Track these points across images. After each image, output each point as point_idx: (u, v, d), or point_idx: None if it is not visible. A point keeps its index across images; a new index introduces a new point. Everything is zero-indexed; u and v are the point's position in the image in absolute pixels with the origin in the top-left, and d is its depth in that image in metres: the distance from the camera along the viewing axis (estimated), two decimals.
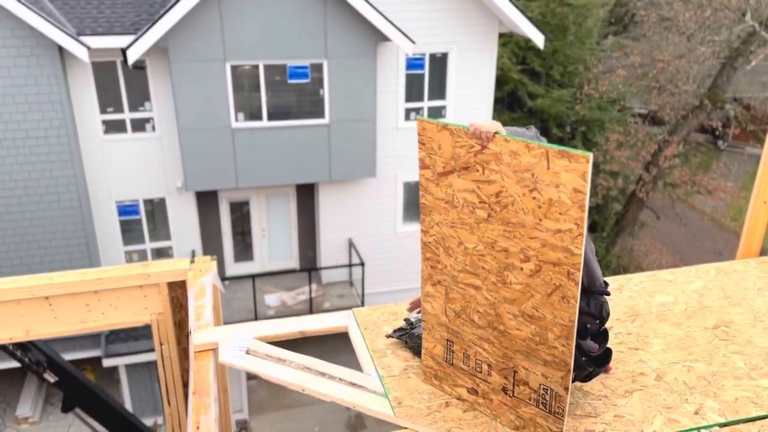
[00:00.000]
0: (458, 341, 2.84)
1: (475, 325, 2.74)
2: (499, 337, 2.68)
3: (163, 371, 4.34)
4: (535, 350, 2.58)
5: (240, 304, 12.62)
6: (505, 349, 2.67)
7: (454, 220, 2.65)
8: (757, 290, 3.89)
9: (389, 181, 13.32)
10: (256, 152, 11.97)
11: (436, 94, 13.10)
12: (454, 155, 2.57)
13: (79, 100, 11.28)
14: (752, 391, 2.97)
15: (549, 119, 19.03)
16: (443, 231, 2.71)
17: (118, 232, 12.46)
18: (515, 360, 2.66)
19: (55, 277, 3.93)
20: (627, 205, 19.99)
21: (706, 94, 17.83)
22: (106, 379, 13.77)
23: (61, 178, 11.10)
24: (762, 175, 4.16)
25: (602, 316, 2.85)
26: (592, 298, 2.81)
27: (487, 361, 2.75)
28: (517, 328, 2.60)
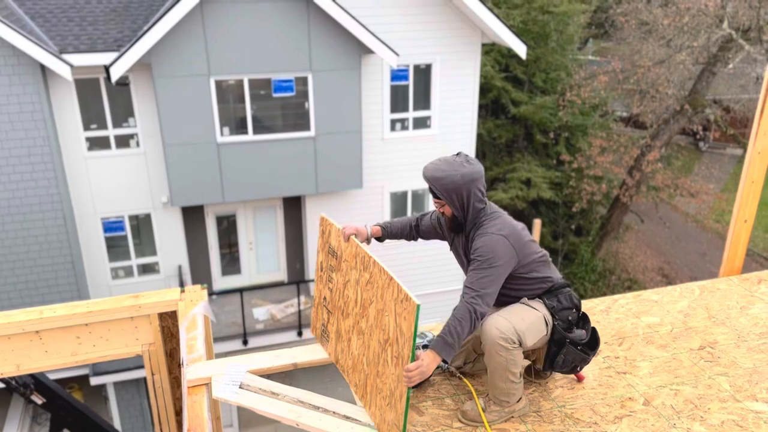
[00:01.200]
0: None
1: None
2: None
3: (155, 401, 4.33)
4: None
5: (228, 318, 12.58)
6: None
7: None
8: (740, 309, 3.97)
9: (376, 192, 13.36)
10: (242, 166, 11.96)
11: (420, 105, 13.18)
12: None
13: (62, 118, 11.22)
14: (738, 414, 3.04)
15: (533, 125, 19.19)
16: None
17: (104, 249, 12.38)
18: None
19: (45, 311, 3.91)
20: (611, 209, 20.20)
21: (686, 98, 18.08)
22: (93, 397, 13.65)
23: (45, 196, 11.02)
24: (742, 194, 4.25)
25: (576, 304, 3.03)
26: (560, 294, 2.99)
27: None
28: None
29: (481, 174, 2.88)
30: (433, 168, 2.87)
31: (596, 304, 4.05)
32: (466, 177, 2.82)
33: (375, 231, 3.29)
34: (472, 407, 3.01)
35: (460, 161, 2.86)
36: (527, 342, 2.85)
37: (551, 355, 2.99)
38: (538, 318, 2.91)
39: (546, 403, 3.14)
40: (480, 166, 2.90)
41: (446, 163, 2.87)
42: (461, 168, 2.83)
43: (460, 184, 2.82)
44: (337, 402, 3.13)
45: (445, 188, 2.85)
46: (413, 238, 3.37)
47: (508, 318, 2.84)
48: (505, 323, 2.81)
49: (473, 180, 2.84)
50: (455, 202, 2.88)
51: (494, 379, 2.91)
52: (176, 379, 4.38)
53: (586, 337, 3.02)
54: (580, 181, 18.80)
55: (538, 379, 3.27)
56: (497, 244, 2.80)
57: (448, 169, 2.83)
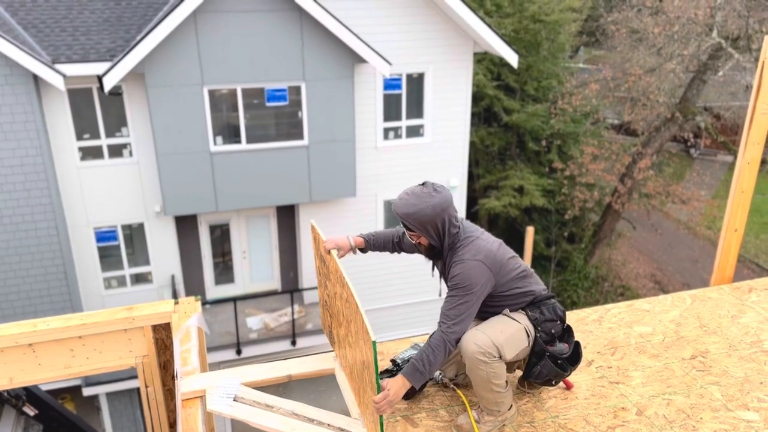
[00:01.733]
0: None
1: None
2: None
3: (149, 413, 4.32)
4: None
5: (222, 327, 12.54)
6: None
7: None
8: (731, 318, 4.00)
9: (369, 200, 13.39)
10: (236, 175, 11.96)
11: (413, 113, 13.23)
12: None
13: (54, 127, 11.20)
14: (729, 423, 3.07)
15: (525, 133, 19.29)
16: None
17: (97, 259, 12.34)
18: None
19: (38, 324, 3.90)
20: (604, 216, 20.29)
21: (677, 106, 18.23)
22: (86, 408, 13.56)
23: (38, 206, 10.98)
24: (732, 204, 4.29)
25: (560, 316, 3.04)
26: (543, 306, 3.01)
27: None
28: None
29: (450, 200, 2.88)
30: (403, 204, 2.85)
31: (589, 314, 4.07)
32: (437, 207, 2.82)
33: (358, 242, 3.26)
34: (467, 420, 3.02)
35: (428, 192, 2.84)
36: (507, 355, 2.86)
37: (529, 366, 3.02)
38: (519, 330, 2.93)
39: (539, 413, 3.15)
40: (447, 192, 2.89)
41: (415, 196, 2.85)
42: (430, 199, 2.82)
43: (432, 216, 2.82)
44: (331, 414, 3.13)
45: (419, 222, 2.85)
46: (396, 251, 3.37)
47: (486, 332, 2.86)
48: (483, 337, 2.83)
49: (444, 209, 2.83)
50: (431, 233, 2.90)
51: (480, 390, 2.94)
52: (170, 391, 4.37)
53: (568, 351, 3.03)
54: (572, 189, 18.89)
55: (531, 389, 3.29)
56: (472, 271, 2.82)
57: (418, 203, 2.82)
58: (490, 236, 3.04)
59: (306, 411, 3.16)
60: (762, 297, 4.26)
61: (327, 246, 3.15)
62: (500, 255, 2.93)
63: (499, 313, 3.01)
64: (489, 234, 3.08)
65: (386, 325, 13.78)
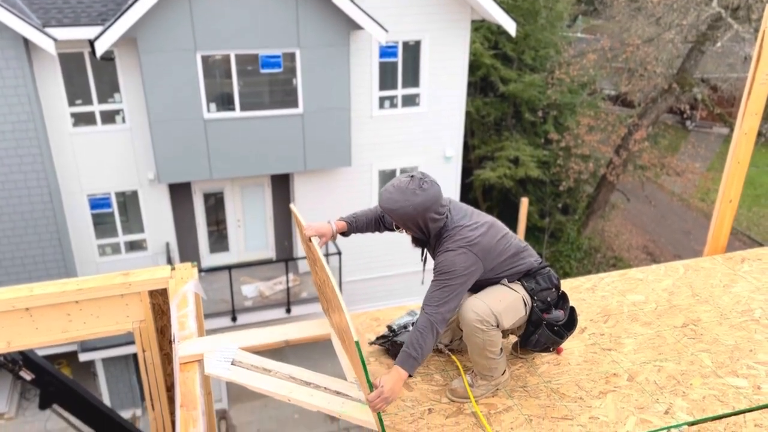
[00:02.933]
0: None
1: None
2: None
3: (146, 376, 4.37)
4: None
5: (217, 295, 12.60)
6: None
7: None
8: (723, 287, 4.05)
9: (365, 170, 13.35)
10: (230, 143, 11.89)
11: (409, 82, 13.12)
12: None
13: (46, 93, 11.05)
14: (718, 390, 3.13)
15: (522, 104, 19.17)
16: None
17: (91, 226, 12.31)
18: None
19: (35, 289, 3.91)
20: (598, 188, 20.33)
21: (674, 77, 18.13)
22: (82, 373, 13.68)
23: (31, 172, 10.90)
24: (728, 175, 4.31)
25: (555, 284, 3.07)
26: (538, 275, 3.03)
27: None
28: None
29: (436, 198, 2.81)
30: (387, 198, 2.81)
31: (582, 282, 4.11)
32: (419, 207, 2.77)
33: (340, 227, 3.18)
34: (460, 384, 3.07)
35: (413, 189, 2.77)
36: (504, 323, 2.90)
37: (527, 334, 3.06)
38: (517, 299, 2.96)
39: (532, 378, 3.20)
40: (434, 188, 2.81)
41: (399, 191, 2.78)
42: (414, 198, 2.76)
43: (414, 215, 2.79)
44: (328, 378, 3.17)
45: (400, 218, 2.83)
46: (381, 231, 3.29)
47: (485, 300, 2.88)
48: (482, 305, 2.85)
49: (426, 208, 2.79)
50: (413, 228, 2.89)
51: (475, 356, 2.98)
52: (167, 355, 4.41)
53: (564, 317, 3.07)
54: (567, 160, 18.87)
55: (525, 355, 3.34)
56: (456, 259, 2.80)
57: (401, 200, 2.77)
58: (480, 217, 2.98)
59: (303, 375, 3.19)
60: (754, 267, 4.30)
61: (307, 233, 3.09)
62: (488, 241, 2.89)
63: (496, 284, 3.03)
64: (480, 214, 3.02)
65: (385, 293, 13.89)
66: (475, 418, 2.93)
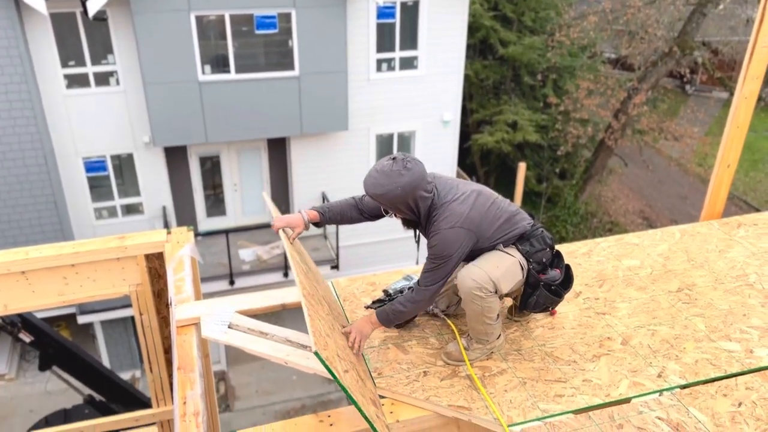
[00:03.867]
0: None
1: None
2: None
3: (144, 339, 4.40)
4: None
5: (214, 259, 12.63)
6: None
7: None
8: (718, 252, 4.06)
9: (362, 134, 13.26)
10: (225, 106, 11.76)
11: (407, 44, 12.93)
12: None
13: (38, 54, 10.88)
14: (711, 353, 3.16)
15: (521, 67, 18.94)
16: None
17: (87, 189, 12.26)
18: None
19: (30, 252, 3.91)
20: (596, 152, 20.25)
21: (675, 40, 17.89)
22: (81, 336, 13.81)
23: (25, 135, 10.80)
24: (726, 139, 4.28)
25: (549, 244, 3.06)
26: (532, 237, 3.02)
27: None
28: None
29: (421, 176, 2.77)
30: (373, 183, 2.76)
31: (578, 248, 4.12)
32: (406, 188, 2.74)
33: (312, 216, 3.15)
34: (456, 348, 3.09)
35: (398, 170, 2.73)
36: (503, 288, 2.90)
37: (525, 297, 3.07)
38: (514, 263, 2.96)
39: (527, 342, 3.23)
40: (419, 167, 2.78)
41: (384, 175, 2.74)
42: (400, 179, 2.72)
43: (403, 196, 2.76)
44: None
45: (389, 202, 2.80)
46: (359, 220, 3.23)
47: (483, 267, 2.89)
48: (480, 272, 2.86)
49: (414, 187, 2.76)
50: (403, 210, 2.86)
51: (472, 322, 3.00)
52: (164, 318, 4.44)
53: (560, 276, 3.09)
54: (566, 124, 18.75)
55: (519, 317, 3.36)
56: (449, 238, 2.81)
57: (387, 183, 2.73)
58: (466, 187, 2.96)
59: (300, 338, 3.21)
60: (750, 232, 4.31)
61: (276, 226, 3.05)
62: (477, 212, 2.88)
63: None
64: (465, 183, 3.01)
65: (382, 258, 13.95)
66: (470, 381, 2.96)
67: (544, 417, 2.76)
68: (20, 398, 12.83)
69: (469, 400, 2.84)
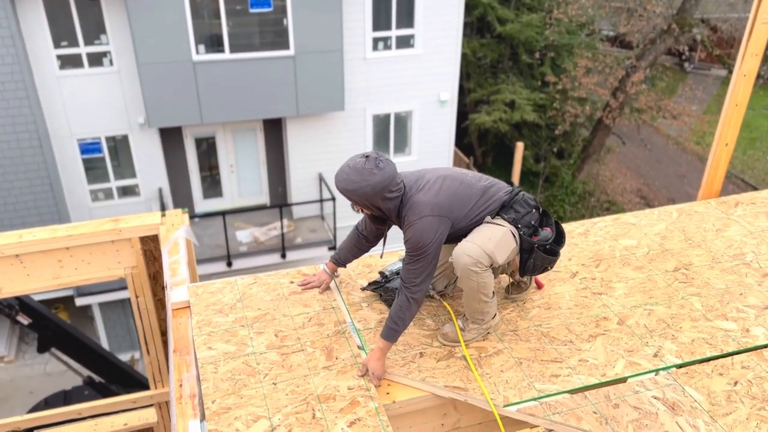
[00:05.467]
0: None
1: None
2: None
3: (140, 322, 4.40)
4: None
5: (211, 240, 12.62)
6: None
7: None
8: (716, 231, 4.05)
9: (358, 115, 13.18)
10: (220, 86, 11.66)
11: (404, 22, 12.79)
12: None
13: (30, 35, 10.75)
14: (707, 333, 3.16)
15: (519, 45, 18.78)
16: None
17: (82, 171, 12.20)
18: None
19: (24, 235, 3.88)
20: (594, 131, 20.16)
21: (674, 17, 17.73)
22: (79, 318, 13.84)
23: (18, 116, 10.72)
24: (725, 117, 4.24)
25: (534, 205, 3.06)
26: (515, 204, 3.01)
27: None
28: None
29: (392, 176, 2.78)
30: (344, 180, 2.77)
31: (575, 227, 4.10)
32: (377, 187, 2.74)
33: (331, 267, 3.41)
34: (452, 328, 3.09)
35: (370, 168, 2.74)
36: (498, 259, 2.89)
37: (522, 262, 3.06)
38: (505, 232, 2.94)
39: (523, 322, 3.22)
40: (390, 167, 2.79)
41: (356, 172, 2.75)
42: (371, 177, 2.73)
43: (372, 195, 2.77)
44: None
45: (359, 198, 2.80)
46: (366, 247, 3.32)
47: (475, 242, 2.87)
48: (474, 248, 2.84)
49: (384, 187, 2.76)
50: (372, 208, 2.87)
51: (468, 300, 2.99)
52: (161, 301, 4.43)
53: (552, 234, 3.07)
54: (564, 103, 18.64)
55: (516, 295, 3.36)
56: (421, 229, 2.79)
57: (359, 180, 2.74)
58: (431, 174, 2.95)
59: None
60: (747, 211, 4.29)
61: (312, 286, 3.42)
62: (445, 195, 2.86)
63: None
64: (430, 171, 3.00)
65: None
66: (466, 362, 2.96)
67: (540, 397, 2.77)
68: (20, 380, 12.89)
69: (465, 381, 2.84)
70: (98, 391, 8.56)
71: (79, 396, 8.57)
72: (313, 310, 3.28)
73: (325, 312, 3.27)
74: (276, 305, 3.30)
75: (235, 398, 2.72)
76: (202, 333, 3.10)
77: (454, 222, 2.89)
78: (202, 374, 2.84)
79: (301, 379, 2.83)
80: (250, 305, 3.30)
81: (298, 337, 3.09)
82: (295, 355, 2.97)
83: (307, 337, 3.09)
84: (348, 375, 2.86)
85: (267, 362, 2.93)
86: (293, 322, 3.18)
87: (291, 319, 3.21)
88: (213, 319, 3.19)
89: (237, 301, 3.32)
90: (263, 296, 3.37)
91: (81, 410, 4.81)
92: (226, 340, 3.05)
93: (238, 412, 2.65)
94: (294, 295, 3.38)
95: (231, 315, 3.22)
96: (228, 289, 3.42)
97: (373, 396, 2.75)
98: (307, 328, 3.15)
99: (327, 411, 2.66)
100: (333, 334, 3.11)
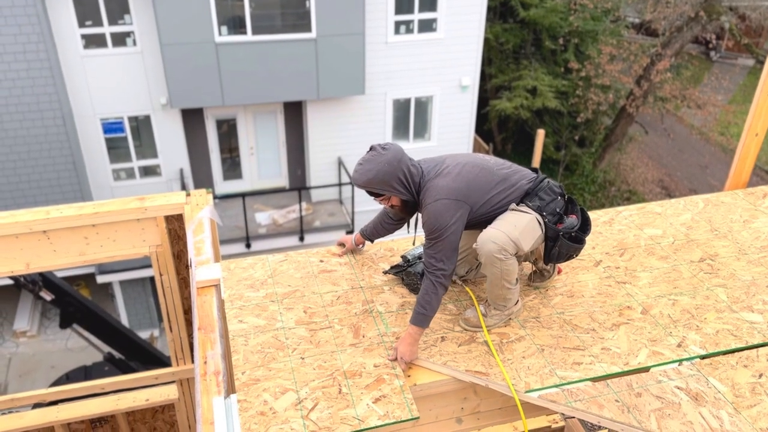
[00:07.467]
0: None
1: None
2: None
3: (164, 300, 4.45)
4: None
5: (231, 222, 12.72)
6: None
7: None
8: (743, 222, 3.99)
9: (378, 99, 13.13)
10: (242, 68, 11.68)
11: (426, 6, 12.69)
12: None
13: (55, 14, 10.83)
14: (732, 324, 3.13)
15: (542, 30, 18.55)
16: None
17: (105, 150, 12.33)
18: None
19: (51, 212, 3.94)
20: (617, 119, 19.92)
21: (701, 5, 17.38)
22: (100, 295, 14.05)
23: (43, 95, 10.83)
24: (756, 107, 4.17)
25: (559, 192, 3.04)
26: (540, 191, 2.99)
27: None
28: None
29: (401, 151, 2.88)
30: (362, 172, 2.83)
31: (600, 216, 4.07)
32: (392, 162, 2.81)
33: (358, 240, 3.55)
34: (473, 314, 3.09)
35: (378, 152, 2.83)
36: (524, 247, 2.88)
37: (547, 250, 3.04)
38: (531, 220, 2.93)
39: (545, 309, 3.21)
40: (396, 146, 2.89)
41: (368, 161, 2.83)
42: (383, 157, 2.81)
43: (391, 171, 2.81)
44: None
45: (382, 182, 2.82)
46: (392, 226, 3.35)
47: (501, 229, 2.85)
48: (499, 234, 2.83)
49: (399, 160, 2.83)
50: (398, 187, 2.86)
51: (492, 287, 2.98)
52: (184, 279, 4.48)
53: (577, 221, 3.05)
54: (586, 91, 18.40)
55: (539, 283, 3.35)
56: (439, 211, 2.80)
57: (374, 165, 2.81)
58: (452, 160, 2.95)
59: None
60: None
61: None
62: (462, 181, 2.87)
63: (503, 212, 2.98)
64: (452, 157, 3.00)
65: None
66: (487, 347, 2.96)
67: (561, 384, 2.76)
68: (42, 354, 13.16)
69: (486, 366, 2.85)
70: (118, 368, 8.71)
71: (99, 372, 8.74)
72: (341, 288, 3.31)
73: (353, 291, 3.29)
74: (305, 282, 3.33)
75: (264, 370, 2.76)
76: (234, 306, 3.14)
77: (473, 207, 2.89)
78: (233, 346, 2.89)
79: (328, 354, 2.87)
80: (280, 281, 3.33)
81: (327, 314, 3.11)
82: (323, 332, 3.00)
83: (335, 314, 3.12)
84: (374, 353, 2.88)
85: (296, 337, 2.96)
86: (322, 300, 3.21)
87: (320, 296, 3.24)
88: (244, 294, 3.23)
89: (268, 277, 3.36)
90: (293, 273, 3.41)
91: (104, 385, 4.90)
92: (257, 314, 3.10)
93: (266, 383, 2.69)
94: (323, 273, 3.41)
95: (262, 290, 3.26)
96: (259, 265, 3.47)
97: (398, 374, 2.77)
98: (335, 306, 3.18)
99: (353, 387, 2.69)
100: (360, 313, 3.13)
